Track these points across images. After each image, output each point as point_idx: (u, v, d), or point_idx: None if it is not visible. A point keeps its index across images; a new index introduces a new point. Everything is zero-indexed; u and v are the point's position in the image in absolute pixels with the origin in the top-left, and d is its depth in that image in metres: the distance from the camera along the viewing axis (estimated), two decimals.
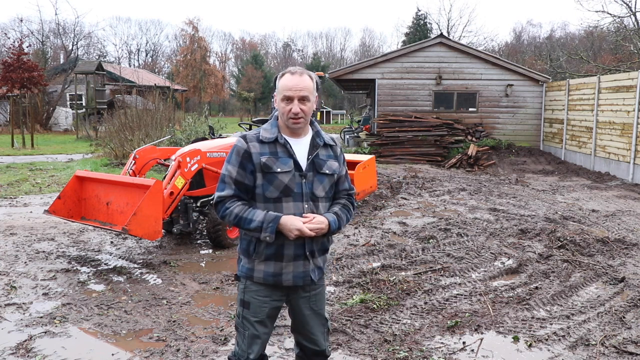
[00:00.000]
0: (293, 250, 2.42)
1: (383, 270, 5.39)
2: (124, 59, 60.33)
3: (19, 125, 22.55)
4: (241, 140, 2.44)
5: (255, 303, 2.48)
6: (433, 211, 8.35)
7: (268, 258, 2.42)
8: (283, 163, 2.39)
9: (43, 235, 6.88)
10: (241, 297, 2.52)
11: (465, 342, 3.87)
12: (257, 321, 2.50)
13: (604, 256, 5.87)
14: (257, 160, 2.38)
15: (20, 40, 27.06)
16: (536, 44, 48.17)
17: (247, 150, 2.40)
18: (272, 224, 2.31)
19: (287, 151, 2.42)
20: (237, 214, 2.36)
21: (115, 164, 14.09)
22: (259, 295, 2.48)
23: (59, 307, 4.50)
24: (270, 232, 2.31)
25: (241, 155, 2.40)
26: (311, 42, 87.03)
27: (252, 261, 2.46)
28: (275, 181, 2.38)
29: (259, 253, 2.42)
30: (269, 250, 2.41)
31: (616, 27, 24.70)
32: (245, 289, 2.50)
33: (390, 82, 16.90)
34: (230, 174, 2.40)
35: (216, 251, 6.26)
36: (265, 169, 2.37)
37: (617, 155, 12.35)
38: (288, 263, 2.43)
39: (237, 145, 2.44)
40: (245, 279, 2.50)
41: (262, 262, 2.44)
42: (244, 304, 2.51)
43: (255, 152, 2.39)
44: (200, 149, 6.34)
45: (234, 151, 2.43)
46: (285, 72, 2.43)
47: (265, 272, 2.44)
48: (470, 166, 14.70)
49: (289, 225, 2.32)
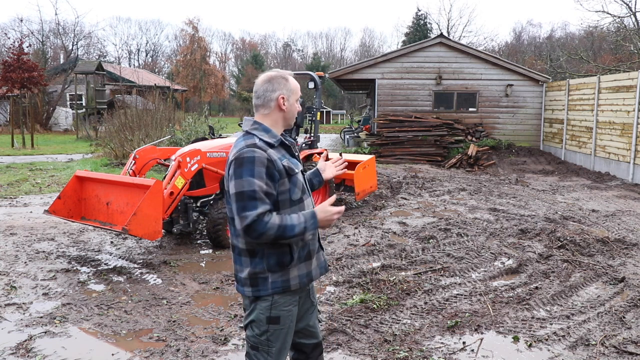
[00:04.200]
0: (316, 244, 2.49)
1: (383, 270, 5.39)
2: (124, 59, 60.31)
3: (19, 125, 22.54)
4: (256, 150, 2.27)
5: (284, 315, 2.39)
6: (433, 211, 8.35)
7: (300, 261, 2.40)
8: (295, 164, 2.42)
9: (43, 235, 6.88)
10: (267, 314, 2.36)
11: (465, 342, 3.87)
12: (287, 331, 2.44)
13: (604, 256, 5.87)
14: (280, 166, 2.31)
15: (20, 40, 27.00)
16: (536, 44, 48.20)
17: (269, 158, 2.28)
18: (312, 220, 2.30)
19: (290, 152, 2.46)
20: (279, 225, 2.23)
21: (115, 164, 14.09)
22: (285, 306, 2.40)
23: (59, 307, 4.51)
24: (313, 228, 2.31)
25: (266, 165, 2.26)
26: (311, 42, 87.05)
27: (286, 272, 2.36)
28: (298, 182, 2.40)
29: (295, 259, 2.36)
30: (303, 252, 2.41)
31: (616, 27, 24.71)
32: (273, 305, 2.36)
33: (390, 82, 16.90)
34: (261, 188, 2.24)
35: (216, 251, 6.26)
36: (290, 171, 2.35)
37: (617, 155, 12.35)
38: (314, 259, 2.48)
39: (254, 156, 2.25)
40: (272, 296, 2.36)
41: (295, 268, 2.39)
42: (274, 320, 2.38)
43: (276, 158, 2.31)
44: (200, 149, 6.34)
45: (256, 162, 2.24)
46: (289, 75, 2.47)
47: (300, 277, 2.41)
48: (470, 166, 14.70)
49: (326, 213, 2.33)
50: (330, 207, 2.37)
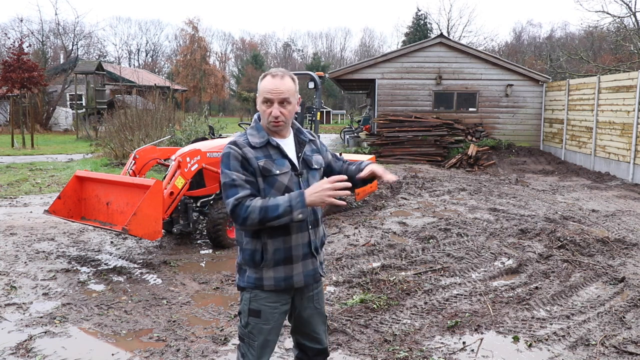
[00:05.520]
0: (301, 250, 2.39)
1: (383, 270, 5.39)
2: (124, 59, 60.33)
3: (19, 125, 22.54)
4: (232, 147, 2.32)
5: (266, 310, 2.39)
6: (433, 211, 8.35)
7: (277, 263, 2.35)
8: (280, 164, 2.36)
9: (43, 235, 6.88)
10: (248, 306, 2.40)
11: (465, 342, 3.87)
12: (269, 328, 2.42)
13: (604, 256, 5.87)
14: (256, 165, 2.31)
15: (20, 40, 27.02)
16: (536, 44, 48.22)
17: (243, 155, 2.30)
18: (299, 199, 2.20)
19: (281, 152, 2.39)
20: (261, 207, 2.21)
21: (115, 164, 14.09)
22: (269, 302, 2.39)
23: (59, 307, 4.50)
24: (301, 207, 2.19)
25: (239, 160, 2.30)
26: (311, 42, 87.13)
27: (259, 270, 2.37)
28: (276, 184, 2.34)
29: (267, 260, 2.34)
30: (279, 255, 2.35)
31: (616, 27, 24.72)
32: (253, 298, 2.39)
33: (390, 82, 16.90)
34: (240, 177, 2.28)
35: (216, 251, 6.26)
36: (264, 172, 2.32)
37: (617, 155, 12.35)
38: (297, 264, 2.40)
39: (230, 152, 2.31)
40: (251, 289, 2.40)
41: (271, 269, 2.36)
42: (254, 313, 2.39)
43: (252, 157, 2.31)
44: (200, 149, 6.34)
45: (230, 157, 2.31)
46: (267, 74, 2.38)
47: (275, 279, 2.37)
48: (470, 166, 14.70)
49: (317, 192, 2.19)
50: (322, 182, 2.23)
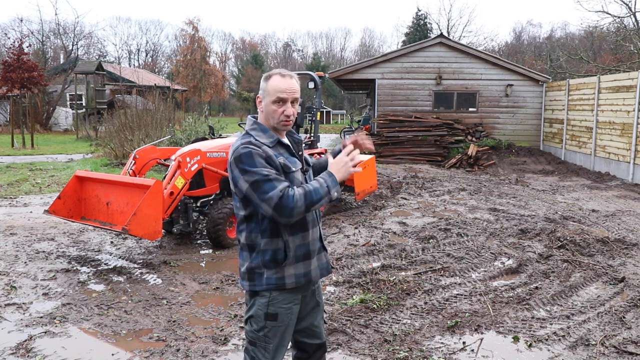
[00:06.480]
0: (317, 245, 2.48)
1: (383, 270, 5.39)
2: (124, 59, 60.32)
3: (19, 125, 22.54)
4: (250, 146, 2.29)
5: (282, 312, 2.40)
6: (433, 211, 8.35)
7: (298, 260, 2.39)
8: (293, 162, 2.41)
9: (43, 235, 6.88)
10: (265, 311, 2.38)
11: (465, 342, 3.87)
12: (286, 329, 2.43)
13: (604, 256, 5.87)
14: (277, 162, 2.32)
15: (20, 40, 27.01)
16: (536, 44, 48.22)
17: (265, 152, 2.29)
18: (331, 178, 2.32)
19: (290, 151, 2.45)
20: (304, 194, 2.25)
21: (115, 164, 14.09)
22: (285, 303, 2.40)
23: (59, 307, 4.51)
24: (335, 184, 2.32)
25: (263, 157, 2.28)
26: (311, 42, 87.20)
27: (281, 269, 2.36)
28: (295, 181, 2.38)
29: (290, 258, 2.36)
30: (299, 251, 2.39)
31: (616, 27, 24.72)
32: (271, 302, 2.38)
33: (390, 82, 16.89)
34: (271, 172, 2.26)
35: (216, 251, 6.26)
36: (286, 169, 2.35)
37: (617, 155, 12.35)
38: (314, 259, 2.46)
39: (251, 151, 2.27)
40: (269, 292, 2.37)
41: (292, 266, 2.38)
42: (271, 317, 2.38)
43: (272, 154, 2.32)
44: (201, 149, 6.34)
45: (253, 155, 2.26)
46: (274, 74, 2.39)
47: (296, 275, 2.39)
48: (470, 166, 14.70)
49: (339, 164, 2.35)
50: (341, 156, 2.36)
